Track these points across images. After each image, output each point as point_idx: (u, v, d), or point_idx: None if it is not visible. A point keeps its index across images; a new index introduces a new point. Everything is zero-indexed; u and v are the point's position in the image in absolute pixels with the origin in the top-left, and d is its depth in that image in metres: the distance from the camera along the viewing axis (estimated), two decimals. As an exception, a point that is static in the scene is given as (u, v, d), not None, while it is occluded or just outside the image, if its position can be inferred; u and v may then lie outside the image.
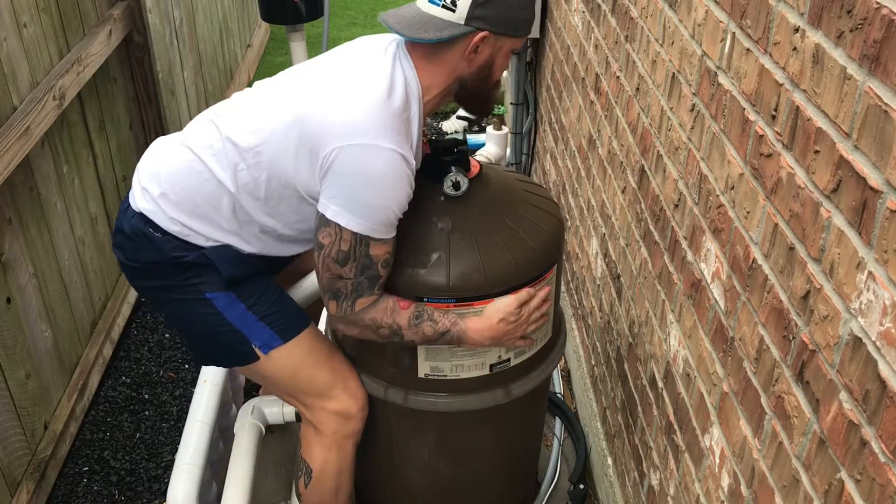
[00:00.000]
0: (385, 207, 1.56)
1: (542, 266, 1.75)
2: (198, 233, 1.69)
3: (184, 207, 1.67)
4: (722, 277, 1.46)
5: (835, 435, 1.08)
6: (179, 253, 1.69)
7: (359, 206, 1.54)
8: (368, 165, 1.53)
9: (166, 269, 1.71)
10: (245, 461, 2.04)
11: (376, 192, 1.55)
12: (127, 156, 3.32)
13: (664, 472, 1.80)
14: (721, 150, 1.47)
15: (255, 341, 1.74)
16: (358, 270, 1.60)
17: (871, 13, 0.98)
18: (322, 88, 1.61)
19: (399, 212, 1.59)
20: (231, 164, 1.63)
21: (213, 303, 1.72)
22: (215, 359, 1.88)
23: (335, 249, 1.57)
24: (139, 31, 3.27)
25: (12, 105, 2.34)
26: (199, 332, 1.80)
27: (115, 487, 2.60)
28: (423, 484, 2.04)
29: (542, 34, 3.42)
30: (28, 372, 2.43)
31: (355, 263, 1.59)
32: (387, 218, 1.57)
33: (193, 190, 1.66)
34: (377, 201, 1.55)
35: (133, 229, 1.71)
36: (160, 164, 1.71)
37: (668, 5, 1.77)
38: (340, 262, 1.58)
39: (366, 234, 1.56)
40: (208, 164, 1.65)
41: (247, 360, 1.78)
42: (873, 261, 0.99)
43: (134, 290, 1.87)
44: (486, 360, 1.76)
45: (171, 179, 1.68)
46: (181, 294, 1.73)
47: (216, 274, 1.71)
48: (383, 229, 1.58)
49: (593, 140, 2.51)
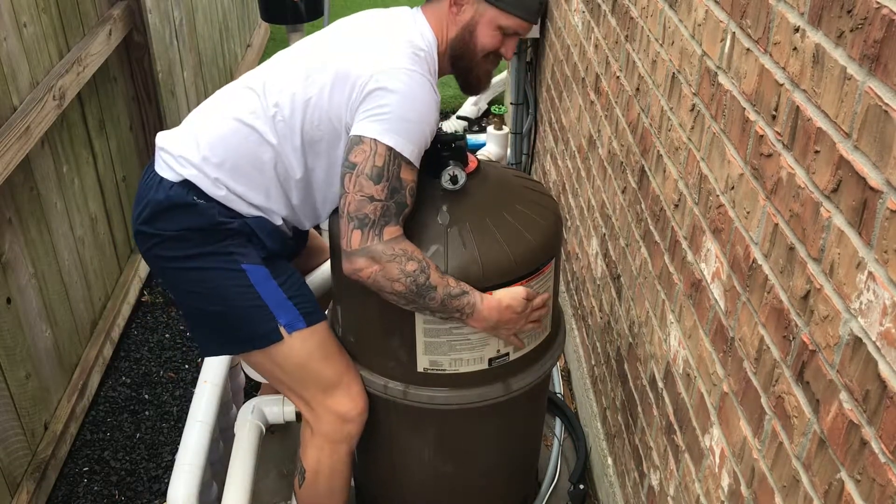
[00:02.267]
0: (420, 124, 1.62)
1: (541, 260, 1.75)
2: (241, 197, 1.71)
3: (226, 168, 1.69)
4: (722, 277, 1.46)
5: (835, 435, 1.08)
6: (224, 219, 1.70)
7: (396, 121, 1.59)
8: (405, 84, 1.61)
9: (207, 234, 1.71)
10: (245, 461, 2.04)
11: (413, 108, 1.61)
12: (127, 156, 3.32)
13: (664, 473, 1.80)
14: (721, 150, 1.47)
15: (282, 319, 1.74)
16: (389, 192, 1.59)
17: (871, 13, 0.98)
18: (351, 41, 1.74)
19: (430, 135, 1.66)
20: (269, 117, 1.69)
21: (247, 275, 1.72)
22: (231, 339, 1.81)
23: (369, 165, 1.58)
24: (139, 31, 3.27)
25: (12, 105, 2.35)
26: (224, 305, 1.74)
27: (115, 487, 2.60)
28: (424, 483, 2.04)
29: (542, 34, 3.42)
30: (28, 372, 2.43)
31: (388, 183, 1.59)
32: (419, 138, 1.62)
33: (236, 149, 1.70)
34: (413, 116, 1.61)
35: (172, 199, 1.70)
36: (198, 131, 1.74)
37: (669, 5, 1.77)
38: (374, 180, 1.58)
39: (399, 151, 1.59)
40: (248, 122, 1.70)
41: (269, 340, 1.75)
42: (873, 261, 0.99)
43: (148, 263, 1.84)
44: (485, 353, 1.77)
45: (212, 142, 1.70)
46: (216, 262, 1.72)
47: (254, 246, 1.73)
48: (415, 150, 1.61)
49: (593, 140, 2.51)
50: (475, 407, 1.82)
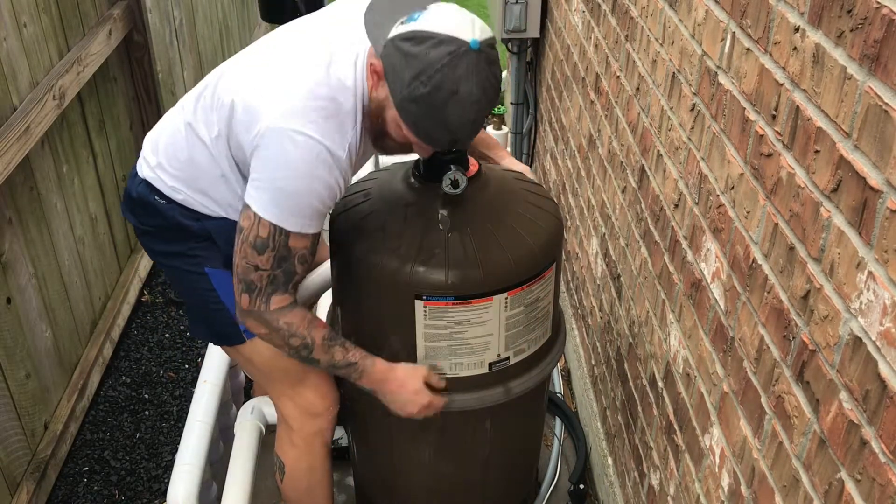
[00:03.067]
0: (306, 196, 1.48)
1: (541, 264, 1.75)
2: (200, 202, 1.70)
3: (181, 178, 1.68)
4: (722, 277, 1.46)
5: (835, 435, 1.08)
6: (184, 220, 1.70)
7: (278, 194, 1.47)
8: (288, 153, 1.45)
9: (173, 234, 1.73)
10: (245, 461, 2.04)
11: (296, 180, 1.46)
12: (127, 155, 3.32)
13: (664, 472, 1.80)
14: (721, 149, 1.47)
15: (242, 324, 1.73)
16: (275, 261, 1.52)
17: (871, 13, 0.98)
18: (276, 63, 1.55)
19: (321, 206, 1.50)
20: (212, 137, 1.61)
21: (209, 278, 1.73)
22: (206, 334, 1.90)
23: (253, 235, 1.50)
24: (139, 31, 3.27)
25: (12, 105, 2.34)
26: (194, 304, 1.84)
27: (115, 487, 2.60)
28: (424, 484, 2.04)
29: (542, 34, 3.42)
30: (28, 372, 2.43)
31: (273, 253, 1.51)
32: (302, 210, 1.49)
33: (188, 160, 1.66)
34: (296, 189, 1.47)
35: (140, 196, 1.73)
36: (158, 134, 1.74)
37: (669, 5, 1.77)
38: (258, 250, 1.50)
39: (282, 227, 1.48)
40: (199, 134, 1.62)
41: (232, 341, 1.80)
42: (873, 261, 0.99)
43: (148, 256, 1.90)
44: (486, 358, 1.77)
45: (167, 149, 1.69)
46: (183, 263, 1.75)
47: (217, 249, 1.72)
48: (299, 221, 1.49)
49: (593, 140, 2.51)
50: (475, 410, 1.82)
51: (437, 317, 1.69)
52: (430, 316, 1.69)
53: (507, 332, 1.75)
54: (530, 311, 1.77)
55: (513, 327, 1.75)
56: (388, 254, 1.68)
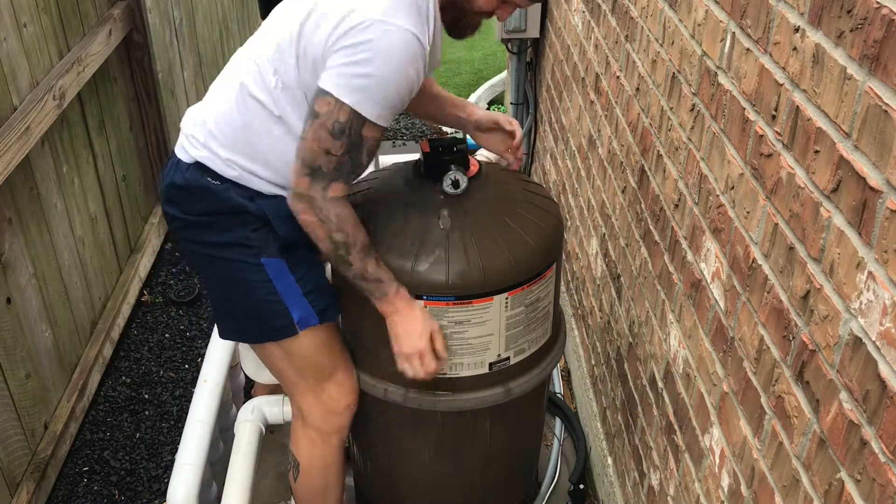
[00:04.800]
0: (388, 86, 1.52)
1: (542, 264, 1.75)
2: (256, 175, 1.67)
3: (237, 148, 1.66)
4: (722, 277, 1.46)
5: (835, 435, 1.08)
6: (240, 201, 1.68)
7: (364, 80, 1.51)
8: (392, 43, 1.50)
9: (228, 221, 1.70)
10: (245, 461, 2.04)
11: (387, 69, 1.51)
12: (127, 156, 3.32)
13: (664, 472, 1.80)
14: (721, 150, 1.47)
15: (295, 315, 1.73)
16: (347, 148, 1.55)
17: (871, 13, 0.98)
18: None
19: (403, 97, 1.56)
20: (271, 89, 1.62)
21: (265, 269, 1.71)
22: (247, 330, 1.83)
23: (332, 120, 1.53)
24: (139, 31, 3.27)
25: (12, 105, 2.35)
26: (241, 297, 1.77)
27: (115, 487, 2.60)
28: (424, 484, 2.04)
29: (542, 34, 3.42)
30: (28, 372, 2.43)
31: (348, 139, 1.54)
32: (387, 98, 1.53)
33: (243, 126, 1.65)
34: (385, 77, 1.52)
35: (190, 181, 1.69)
36: (206, 108, 1.72)
37: (668, 5, 1.77)
38: (335, 134, 1.53)
39: (363, 114, 1.52)
40: (254, 95, 1.64)
41: (282, 334, 1.76)
42: (873, 261, 0.99)
43: (180, 250, 1.84)
44: (486, 358, 1.77)
45: (218, 120, 1.67)
46: (239, 254, 1.71)
47: (273, 237, 1.70)
48: (378, 111, 1.54)
49: (593, 140, 2.51)
50: (475, 410, 1.83)
51: (437, 317, 1.69)
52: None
53: (507, 332, 1.75)
54: (531, 311, 1.77)
55: (513, 327, 1.75)
56: (388, 254, 1.68)
